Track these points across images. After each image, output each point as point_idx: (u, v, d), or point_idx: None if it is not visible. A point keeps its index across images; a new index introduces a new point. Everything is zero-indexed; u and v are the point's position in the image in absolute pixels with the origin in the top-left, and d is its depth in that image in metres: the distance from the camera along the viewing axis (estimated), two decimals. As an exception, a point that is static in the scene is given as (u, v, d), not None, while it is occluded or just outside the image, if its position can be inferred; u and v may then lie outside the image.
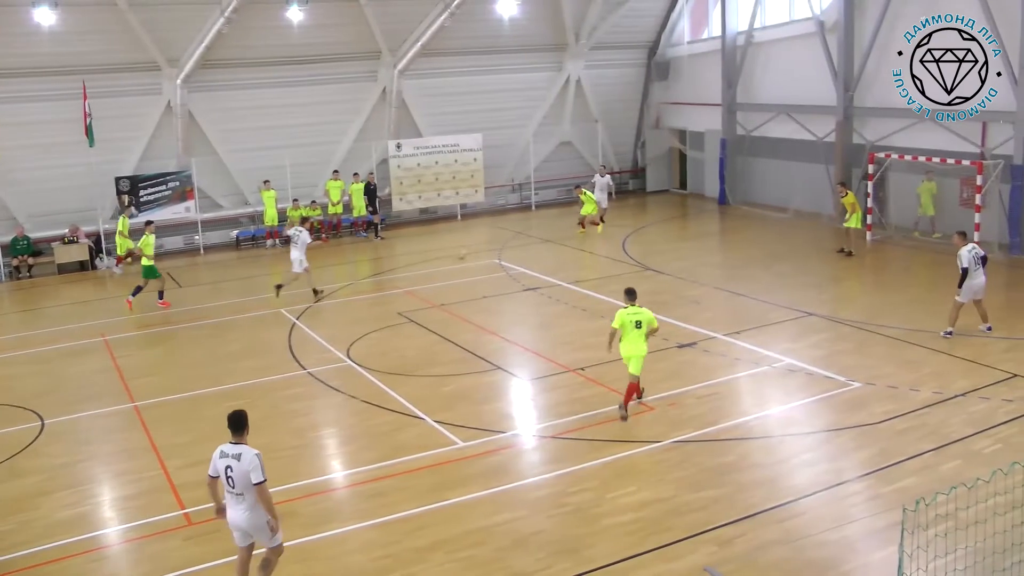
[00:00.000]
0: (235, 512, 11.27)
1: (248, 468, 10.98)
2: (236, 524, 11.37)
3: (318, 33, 35.04)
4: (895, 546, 12.33)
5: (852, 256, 29.34)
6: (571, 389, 19.04)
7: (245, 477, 11.00)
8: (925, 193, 30.21)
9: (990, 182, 28.62)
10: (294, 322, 24.56)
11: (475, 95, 39.71)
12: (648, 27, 43.13)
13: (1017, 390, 17.92)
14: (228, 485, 11.16)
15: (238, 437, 11.32)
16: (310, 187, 37.00)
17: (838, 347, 21.09)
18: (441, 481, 15.01)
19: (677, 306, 24.71)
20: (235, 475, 11.06)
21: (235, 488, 11.11)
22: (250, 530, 11.35)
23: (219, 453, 11.25)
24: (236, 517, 11.28)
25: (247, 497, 11.10)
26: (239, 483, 11.06)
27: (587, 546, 12.86)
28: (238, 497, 11.15)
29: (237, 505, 11.22)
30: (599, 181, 36.79)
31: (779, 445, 16.19)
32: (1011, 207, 28.71)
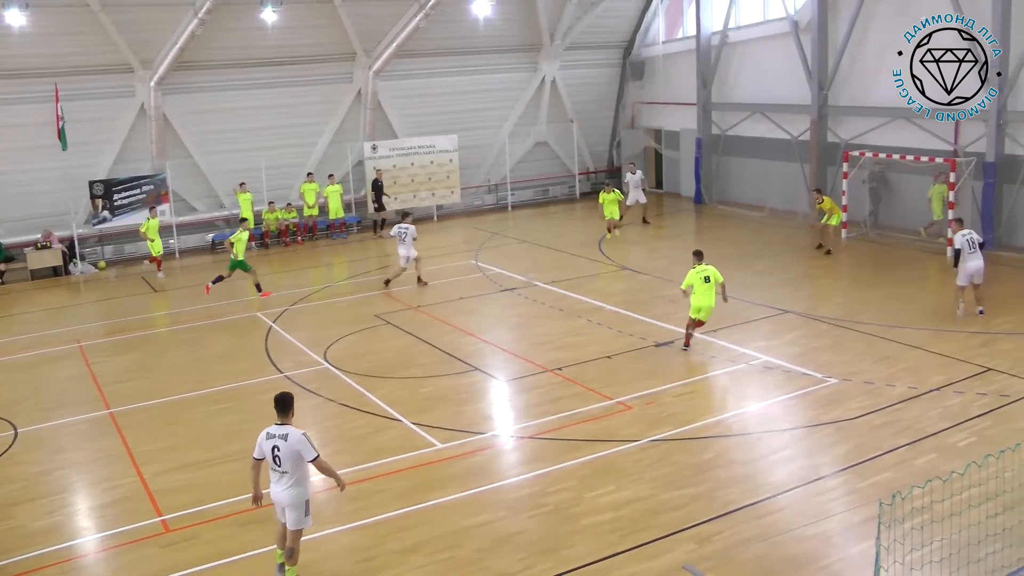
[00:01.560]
0: (278, 488, 11.84)
1: (297, 447, 11.58)
2: (278, 500, 11.96)
3: (292, 35, 34.94)
4: (872, 540, 12.38)
5: (831, 254, 29.44)
6: (548, 389, 19.03)
7: (293, 455, 11.61)
8: (936, 196, 29.99)
9: (963, 179, 28.81)
10: (271, 326, 24.47)
11: (450, 96, 39.70)
12: (623, 27, 43.21)
13: (991, 384, 18.05)
14: (274, 463, 11.74)
15: (283, 418, 11.91)
16: (286, 189, 36.90)
17: (814, 344, 21.18)
18: (420, 483, 14.98)
19: (654, 305, 24.75)
20: (282, 454, 11.65)
21: (281, 466, 11.73)
22: (288, 506, 11.87)
23: (265, 435, 11.86)
24: (278, 493, 11.87)
25: (292, 475, 11.71)
26: (285, 461, 11.67)
27: (566, 546, 12.84)
28: (283, 475, 11.75)
29: (280, 481, 11.81)
30: (632, 179, 36.43)
31: (757, 442, 16.22)
32: (984, 204, 28.92)
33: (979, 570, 11.18)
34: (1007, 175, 28.69)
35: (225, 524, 13.93)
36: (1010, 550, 11.40)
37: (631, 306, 24.64)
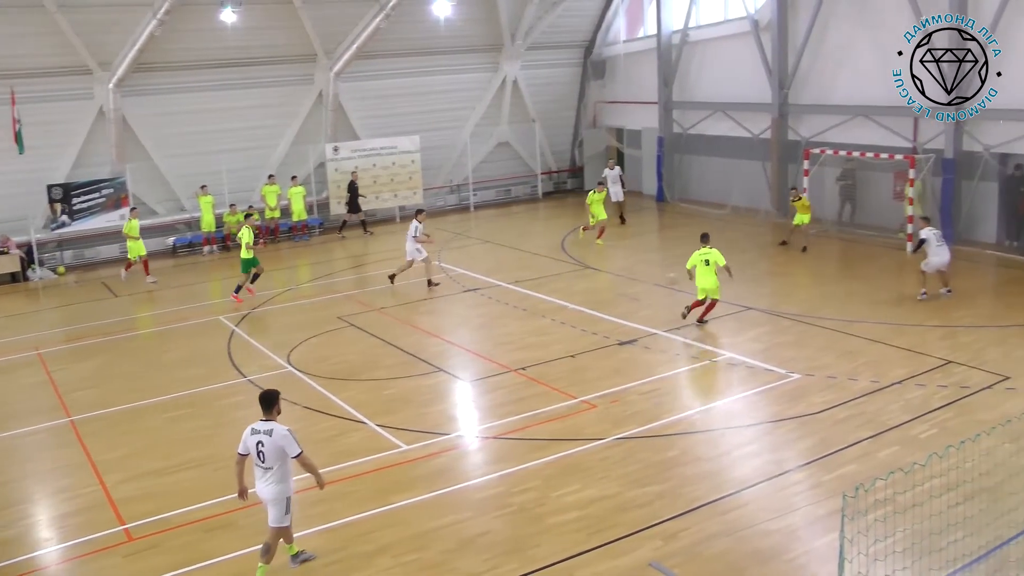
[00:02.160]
0: (261, 484, 12.05)
1: (281, 443, 11.80)
2: (262, 496, 12.16)
3: (253, 36, 34.74)
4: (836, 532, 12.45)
5: (806, 251, 29.68)
6: (513, 389, 19.02)
7: (277, 451, 11.82)
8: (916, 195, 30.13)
9: (922, 176, 29.06)
10: (233, 329, 24.32)
11: (412, 97, 39.62)
12: (584, 27, 43.29)
13: (952, 376, 18.23)
14: (259, 459, 11.93)
15: (268, 414, 12.11)
16: (248, 192, 36.68)
17: (778, 340, 21.29)
18: (385, 485, 14.93)
19: (617, 304, 24.81)
20: (266, 450, 11.85)
21: (265, 462, 11.91)
22: (270, 502, 12.09)
23: (250, 431, 12.05)
24: (262, 489, 12.08)
25: (275, 471, 11.91)
26: (269, 457, 11.87)
27: (533, 545, 12.83)
28: (267, 471, 11.95)
29: (264, 478, 12.01)
30: (610, 175, 36.31)
31: (721, 438, 16.29)
32: (943, 200, 29.19)
33: (941, 559, 11.28)
34: (965, 171, 28.97)
35: (189, 531, 13.79)
36: (971, 539, 11.52)
37: (594, 305, 24.66)
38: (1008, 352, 19.55)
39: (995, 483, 12.49)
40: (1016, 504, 12.48)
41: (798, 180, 33.63)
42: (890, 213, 31.01)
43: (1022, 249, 27.92)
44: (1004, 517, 12.17)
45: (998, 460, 12.19)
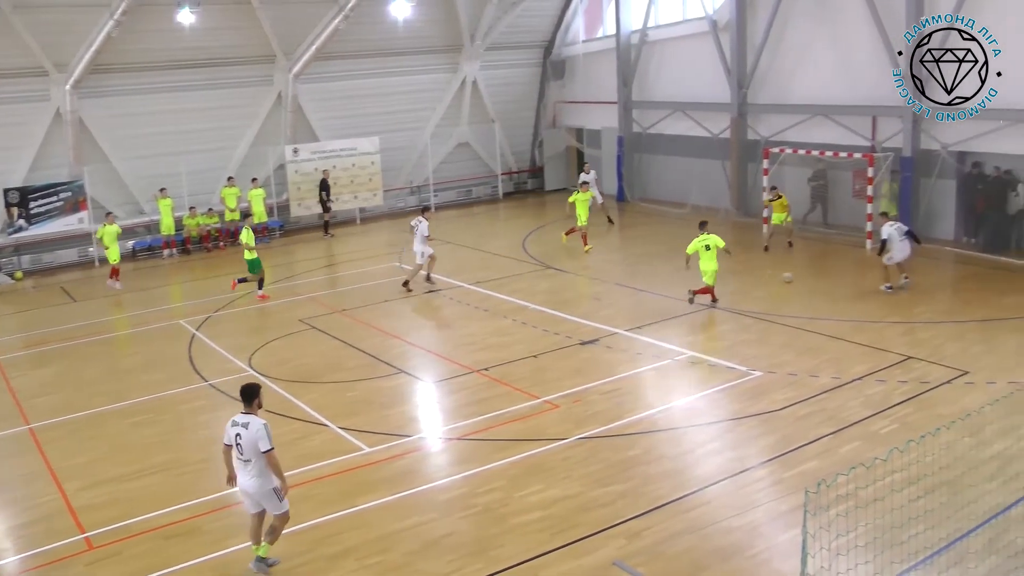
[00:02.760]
0: (243, 478, 12.23)
1: (256, 437, 11.88)
2: (244, 489, 12.32)
3: (211, 37, 34.47)
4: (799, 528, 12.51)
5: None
6: (475, 390, 19.01)
7: (253, 445, 11.91)
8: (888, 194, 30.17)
9: (881, 174, 29.32)
10: (194, 333, 24.14)
11: (371, 98, 39.49)
12: (543, 27, 43.32)
13: (911, 371, 18.40)
14: (238, 452, 12.12)
15: (248, 408, 12.21)
16: (208, 194, 36.43)
17: (739, 338, 21.39)
18: (348, 488, 14.87)
19: (578, 303, 24.87)
20: (243, 442, 12.01)
21: (243, 455, 12.08)
22: (257, 496, 12.24)
23: (230, 423, 12.22)
24: (244, 482, 12.24)
25: (255, 464, 12.02)
26: (247, 450, 12.00)
27: (497, 546, 12.83)
28: (246, 464, 12.10)
29: (245, 471, 12.18)
30: (589, 178, 35.75)
31: (684, 436, 16.35)
32: (902, 197, 29.42)
33: (903, 552, 11.37)
34: (923, 169, 29.23)
35: (150, 538, 13.67)
36: (932, 532, 11.61)
37: (556, 305, 24.68)
38: (966, 347, 19.74)
39: (955, 476, 12.60)
40: (976, 496, 12.61)
41: (758, 179, 33.84)
42: (851, 211, 31.22)
43: (979, 246, 28.22)
44: (964, 509, 12.29)
45: (958, 454, 12.31)
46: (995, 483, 13.34)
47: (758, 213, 33.24)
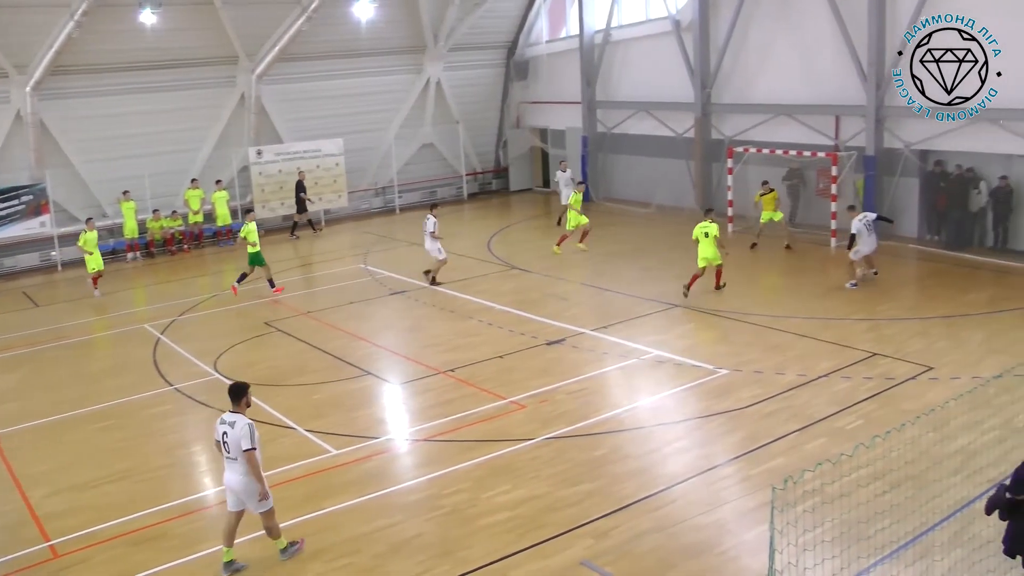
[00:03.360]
0: (229, 474, 12.44)
1: (240, 436, 12.10)
2: (230, 486, 12.50)
3: (173, 38, 34.15)
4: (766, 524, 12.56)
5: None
6: (441, 391, 18.96)
7: (237, 443, 12.14)
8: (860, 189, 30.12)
9: (844, 173, 29.52)
10: (159, 337, 23.94)
11: (335, 99, 39.29)
12: (506, 27, 43.30)
13: (876, 368, 18.50)
14: (224, 450, 12.37)
15: (235, 407, 12.45)
16: (171, 196, 36.11)
17: (705, 336, 21.49)
18: (315, 490, 14.80)
19: (544, 304, 24.84)
20: (229, 441, 12.24)
21: (229, 453, 12.31)
22: (241, 494, 12.41)
23: (219, 420, 12.49)
24: (230, 479, 12.45)
25: (240, 462, 12.22)
26: (232, 448, 12.23)
27: (464, 547, 12.80)
28: (232, 461, 12.33)
29: (232, 468, 12.39)
30: (562, 177, 35.91)
31: (650, 435, 16.37)
32: (865, 195, 29.62)
33: (869, 547, 11.43)
34: (886, 167, 29.44)
35: (116, 545, 13.51)
36: (897, 526, 11.69)
37: (521, 305, 24.67)
38: (931, 343, 19.89)
39: (920, 471, 12.68)
40: (940, 491, 12.69)
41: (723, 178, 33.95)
42: (816, 210, 31.39)
43: (942, 243, 28.46)
44: (929, 503, 12.36)
45: (923, 449, 12.39)
46: (959, 477, 13.44)
47: (723, 212, 33.33)
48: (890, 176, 29.46)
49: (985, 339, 20.08)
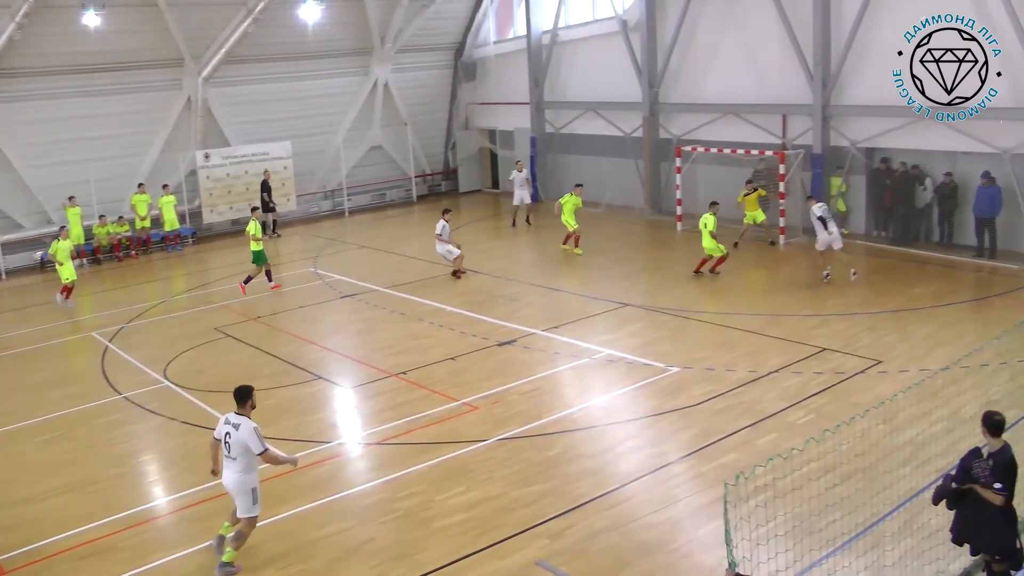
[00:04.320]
0: (228, 472, 12.70)
1: (246, 439, 12.39)
2: (227, 485, 12.78)
3: (118, 40, 33.68)
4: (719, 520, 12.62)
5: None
6: (394, 394, 18.89)
7: (241, 445, 12.41)
8: (832, 188, 30.03)
9: (792, 171, 29.76)
10: (107, 345, 23.65)
11: (282, 102, 39.04)
12: (454, 28, 43.26)
13: (826, 363, 18.69)
14: (226, 449, 12.61)
15: (240, 409, 12.73)
16: (118, 202, 35.64)
17: (655, 335, 21.53)
18: (268, 497, 14.51)
19: (495, 305, 24.83)
20: (232, 441, 12.51)
21: (230, 453, 12.57)
22: (235, 492, 12.68)
23: (223, 420, 12.75)
24: (227, 478, 12.71)
25: (239, 461, 12.51)
26: (234, 449, 12.49)
27: (419, 550, 12.77)
28: (232, 460, 12.59)
29: (230, 467, 12.65)
30: (517, 177, 35.68)
31: (603, 434, 16.42)
32: (813, 193, 29.81)
33: (821, 539, 11.53)
34: (833, 166, 29.70)
35: (64, 559, 13.31)
36: (848, 518, 11.80)
37: (472, 307, 24.65)
38: (880, 337, 20.10)
39: (870, 463, 12.81)
40: (890, 482, 12.84)
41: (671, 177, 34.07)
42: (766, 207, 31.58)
43: (889, 238, 28.78)
44: (880, 495, 12.50)
45: (873, 441, 12.52)
46: (908, 468, 13.59)
47: (672, 211, 33.53)
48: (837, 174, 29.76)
49: (932, 332, 20.32)
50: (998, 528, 9.84)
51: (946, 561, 11.01)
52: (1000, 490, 9.64)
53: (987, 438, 9.96)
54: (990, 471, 9.73)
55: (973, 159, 26.60)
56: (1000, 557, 9.98)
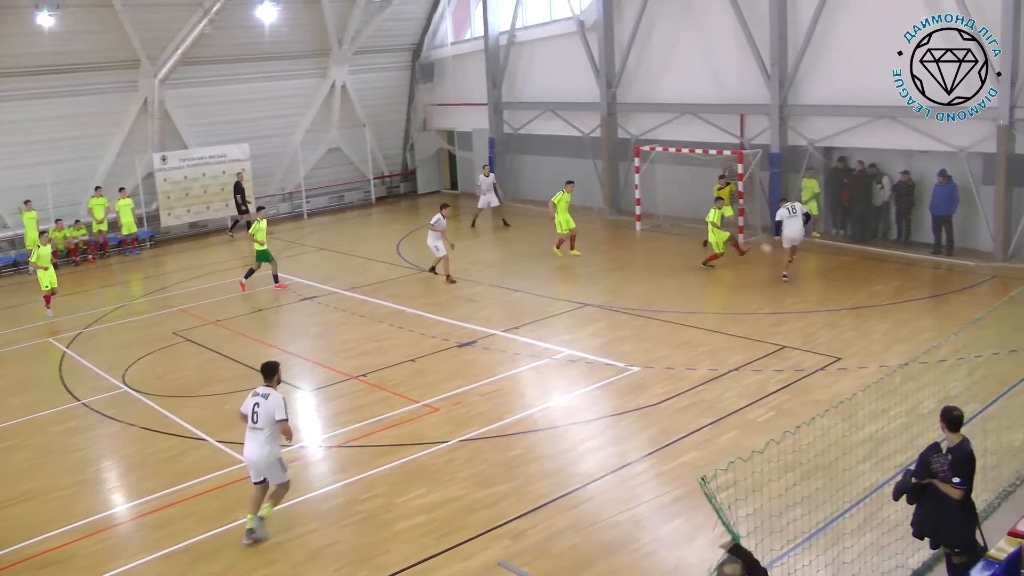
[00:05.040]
0: (251, 445, 13.26)
1: (274, 407, 13.05)
2: (250, 458, 13.37)
3: (73, 41, 33.24)
4: (682, 518, 12.79)
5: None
6: (354, 396, 18.85)
7: (269, 415, 13.05)
8: (807, 191, 29.67)
9: (750, 170, 29.93)
10: (64, 351, 23.40)
11: (240, 104, 38.78)
12: (411, 30, 43.14)
13: (786, 360, 18.82)
14: (252, 420, 13.18)
15: (268, 382, 13.43)
16: (74, 205, 35.23)
17: (616, 335, 21.58)
18: (229, 503, 14.56)
19: (455, 306, 24.81)
20: (260, 412, 13.11)
21: (257, 423, 13.15)
22: (262, 464, 13.26)
23: (251, 393, 13.44)
24: (251, 451, 13.28)
25: (265, 432, 13.11)
26: (262, 419, 13.10)
27: (382, 552, 12.75)
28: (258, 431, 13.17)
29: (254, 439, 13.22)
30: (484, 182, 35.52)
31: (565, 434, 16.43)
32: (771, 192, 30.07)
33: (783, 538, 11.59)
34: (791, 165, 29.90)
35: (22, 569, 13.16)
36: (809, 516, 11.87)
37: (432, 308, 24.61)
38: (838, 335, 20.26)
39: (830, 460, 12.89)
40: (851, 479, 12.94)
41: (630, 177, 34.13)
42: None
43: (847, 237, 29.00)
44: (840, 492, 12.59)
45: (832, 439, 12.59)
46: (868, 464, 13.72)
47: (631, 211, 33.60)
48: (795, 173, 29.92)
49: (891, 329, 20.51)
50: (957, 521, 9.95)
51: (906, 555, 11.13)
52: (959, 484, 9.74)
53: (946, 433, 10.07)
54: (949, 466, 9.83)
55: (930, 158, 26.85)
56: (959, 550, 10.08)
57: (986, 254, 25.85)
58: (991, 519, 11.96)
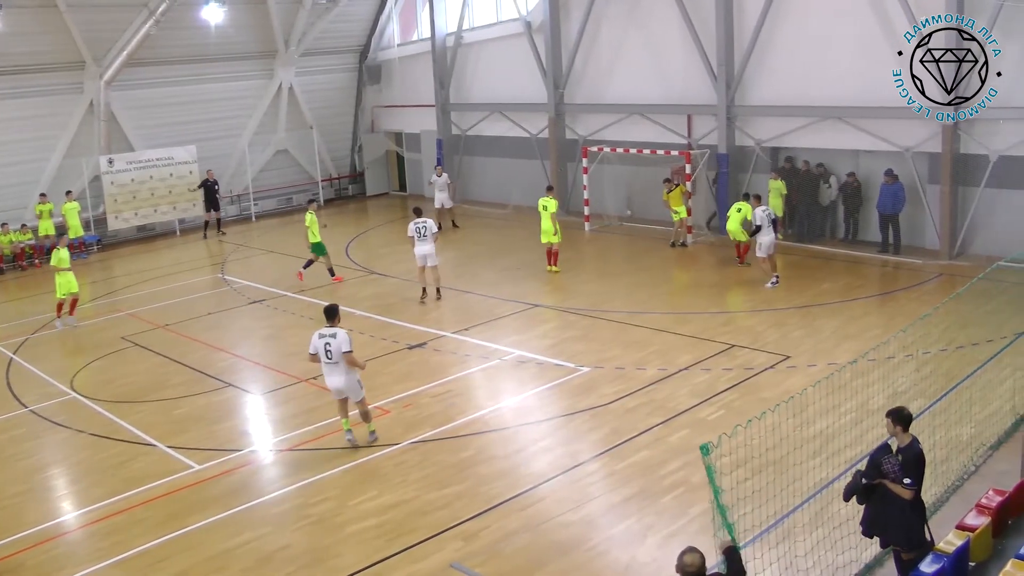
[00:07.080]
0: (332, 377, 15.73)
1: (341, 342, 15.42)
2: (335, 387, 15.81)
3: (16, 42, 32.76)
4: (634, 518, 12.84)
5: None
6: (304, 400, 18.76)
7: (339, 348, 15.43)
8: (773, 192, 29.04)
9: (698, 170, 30.12)
10: (11, 357, 23.07)
11: (186, 106, 38.46)
12: (358, 31, 43.01)
13: (735, 359, 18.95)
14: (327, 357, 15.54)
15: (331, 322, 15.80)
16: (20, 209, 34.81)
17: (565, 335, 21.63)
18: (179, 508, 14.45)
19: (404, 308, 24.76)
20: (332, 348, 15.47)
21: (332, 358, 15.53)
22: (344, 389, 15.75)
23: (317, 335, 15.69)
24: (335, 381, 15.73)
25: (341, 364, 15.49)
26: (335, 354, 15.48)
27: (334, 555, 12.71)
28: (334, 365, 15.58)
29: (333, 371, 15.66)
30: (437, 182, 35.26)
31: (516, 435, 16.46)
32: (719, 192, 30.30)
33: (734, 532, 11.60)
34: (738, 165, 30.13)
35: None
36: (759, 510, 11.94)
37: (381, 310, 24.55)
38: (787, 333, 20.44)
39: (780, 456, 12.99)
40: (801, 474, 13.02)
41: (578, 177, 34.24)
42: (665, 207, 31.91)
43: (795, 236, 29.22)
44: (790, 487, 12.67)
45: (783, 434, 12.68)
46: (818, 459, 13.85)
47: (579, 211, 33.70)
48: (743, 173, 30.16)
49: (839, 327, 20.71)
50: (907, 521, 10.02)
51: (858, 550, 11.23)
52: (910, 485, 9.81)
53: (894, 432, 10.15)
54: (899, 466, 9.90)
55: (876, 157, 27.17)
56: (909, 548, 10.18)
57: (932, 252, 26.16)
58: (940, 513, 12.13)
